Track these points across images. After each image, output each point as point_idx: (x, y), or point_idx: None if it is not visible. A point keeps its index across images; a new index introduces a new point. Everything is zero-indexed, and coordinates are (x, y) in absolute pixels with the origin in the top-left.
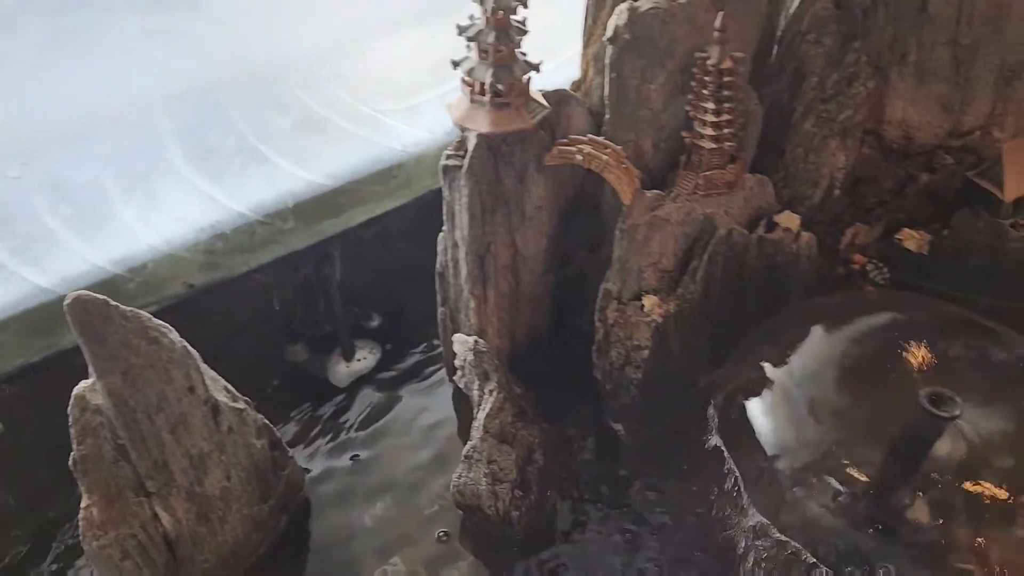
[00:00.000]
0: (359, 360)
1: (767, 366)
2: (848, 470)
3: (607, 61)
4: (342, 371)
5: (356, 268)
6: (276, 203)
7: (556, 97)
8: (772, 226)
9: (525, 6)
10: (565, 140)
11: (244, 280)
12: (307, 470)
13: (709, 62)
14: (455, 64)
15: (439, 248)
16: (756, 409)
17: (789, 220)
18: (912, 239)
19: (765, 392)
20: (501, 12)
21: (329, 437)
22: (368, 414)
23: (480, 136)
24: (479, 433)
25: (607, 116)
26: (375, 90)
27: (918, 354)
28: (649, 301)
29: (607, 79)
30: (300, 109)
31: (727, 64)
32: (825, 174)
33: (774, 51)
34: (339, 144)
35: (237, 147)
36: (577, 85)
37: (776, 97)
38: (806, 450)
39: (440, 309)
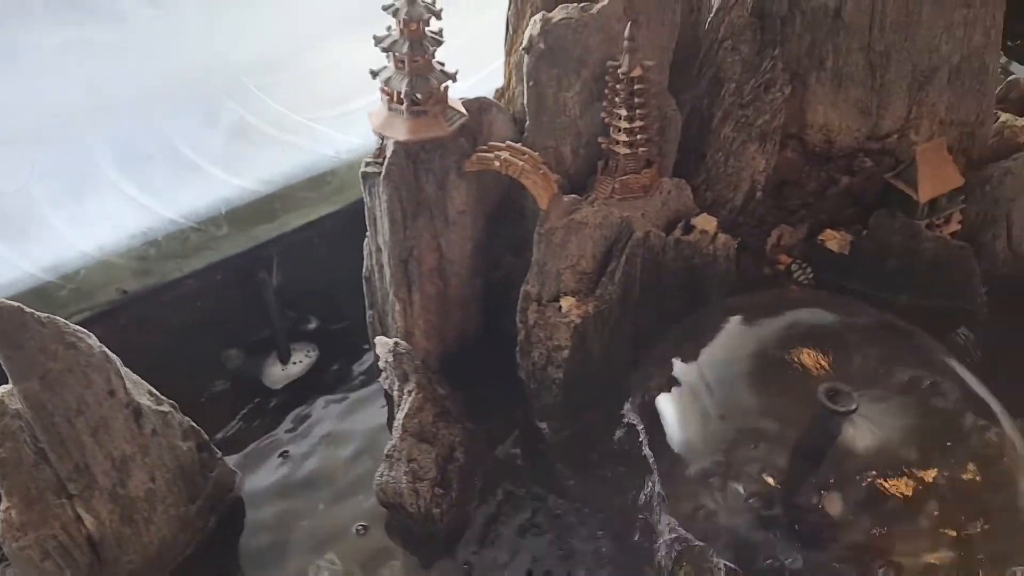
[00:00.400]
0: (295, 363)
1: (679, 365)
2: (754, 467)
3: (524, 70)
4: (277, 374)
5: (293, 272)
6: (209, 210)
7: (477, 105)
8: (689, 228)
9: (438, 18)
10: (484, 147)
11: (178, 285)
12: (237, 472)
13: (620, 70)
14: (374, 74)
15: (365, 252)
16: (668, 409)
17: (706, 222)
18: (834, 240)
19: (677, 391)
20: (414, 24)
21: (262, 439)
22: (300, 415)
23: (397, 143)
24: (398, 432)
25: (527, 123)
26: (307, 99)
27: (825, 351)
28: (567, 303)
29: (525, 87)
30: (232, 119)
31: (637, 72)
32: (745, 177)
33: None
34: (272, 152)
35: (168, 156)
36: (501, 93)
37: (696, 103)
38: (714, 449)
39: (368, 312)
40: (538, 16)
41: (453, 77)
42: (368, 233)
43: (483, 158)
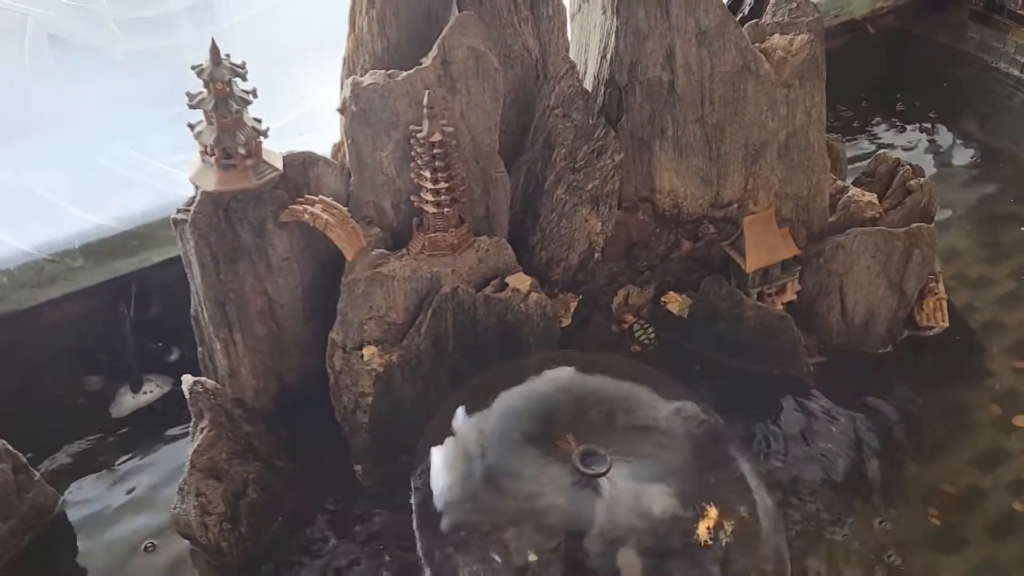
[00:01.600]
0: (145, 393)
1: (454, 427)
2: (513, 535)
3: (342, 129)
4: (126, 403)
5: (154, 305)
6: (64, 243)
7: (301, 159)
8: (504, 286)
9: (244, 79)
10: (299, 199)
11: (32, 314)
12: (59, 495)
13: (419, 135)
14: (191, 127)
15: (191, 292)
16: (436, 472)
17: (519, 281)
18: (675, 303)
19: (445, 454)
20: (219, 84)
21: (95, 464)
22: (138, 443)
23: (205, 193)
24: (187, 468)
25: (352, 178)
26: (159, 143)
27: (585, 414)
28: (368, 351)
29: (346, 145)
30: (83, 161)
31: (436, 138)
32: (579, 238)
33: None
34: (127, 192)
35: (19, 193)
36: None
37: (531, 165)
38: (475, 516)
39: (199, 349)
40: (350, 79)
41: (264, 134)
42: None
43: (294, 210)
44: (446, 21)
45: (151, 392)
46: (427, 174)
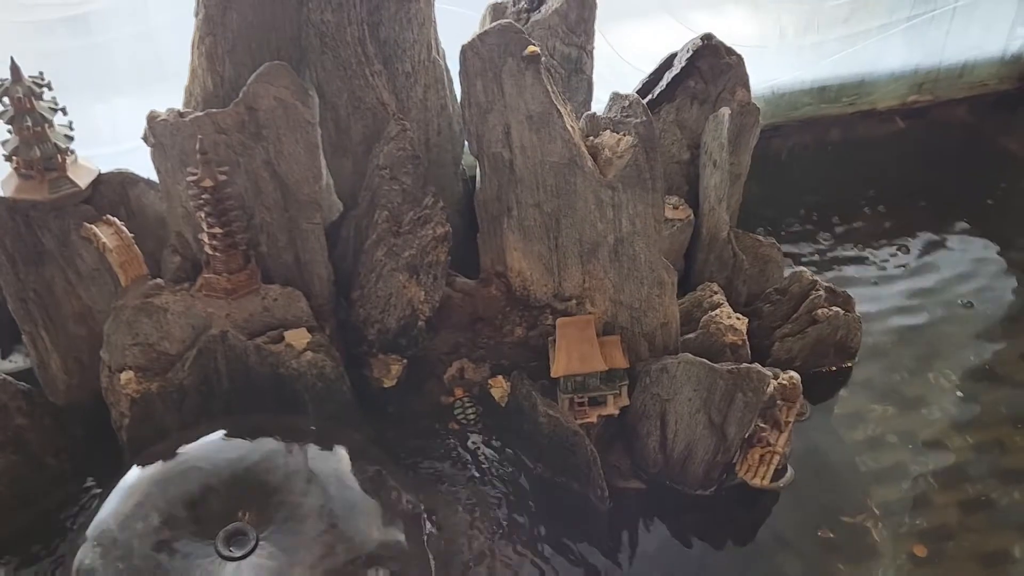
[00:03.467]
0: (10, 361)
1: (99, 517)
2: None
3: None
4: None
5: None
6: None
7: (120, 178)
8: (282, 338)
9: (39, 99)
10: (100, 218)
11: None
12: None
13: (189, 179)
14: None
15: None
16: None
17: (295, 337)
18: (499, 388)
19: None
20: (17, 99)
21: None
22: None
23: (0, 197)
24: None
25: (165, 206)
26: None
27: (234, 494)
28: (125, 376)
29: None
30: None
31: (207, 183)
32: (398, 303)
33: None
34: None
35: None
36: None
37: (359, 221)
38: None
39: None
40: (151, 112)
41: (64, 151)
42: None
43: (86, 228)
44: (299, 61)
45: (14, 362)
46: (202, 216)
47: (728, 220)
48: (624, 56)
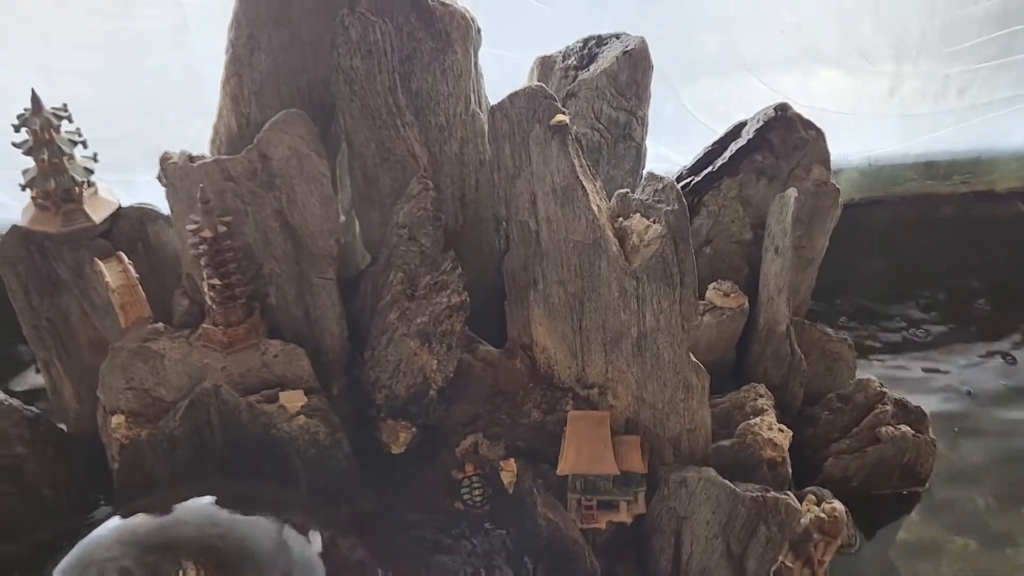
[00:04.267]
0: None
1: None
2: None
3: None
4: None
5: None
6: None
7: (139, 214)
8: (276, 398)
9: (56, 132)
10: (114, 255)
11: None
12: None
13: (189, 227)
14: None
15: None
16: None
17: (290, 399)
18: (509, 472)
19: None
20: (36, 130)
21: None
22: None
23: (15, 227)
24: None
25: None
26: None
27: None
28: (116, 420)
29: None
30: None
31: (206, 233)
32: (407, 370)
33: None
34: None
35: None
36: None
37: (375, 279)
38: None
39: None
40: (164, 152)
41: (82, 184)
42: None
43: (96, 264)
44: (332, 106)
45: None
46: (202, 265)
47: (788, 313)
48: (698, 116)
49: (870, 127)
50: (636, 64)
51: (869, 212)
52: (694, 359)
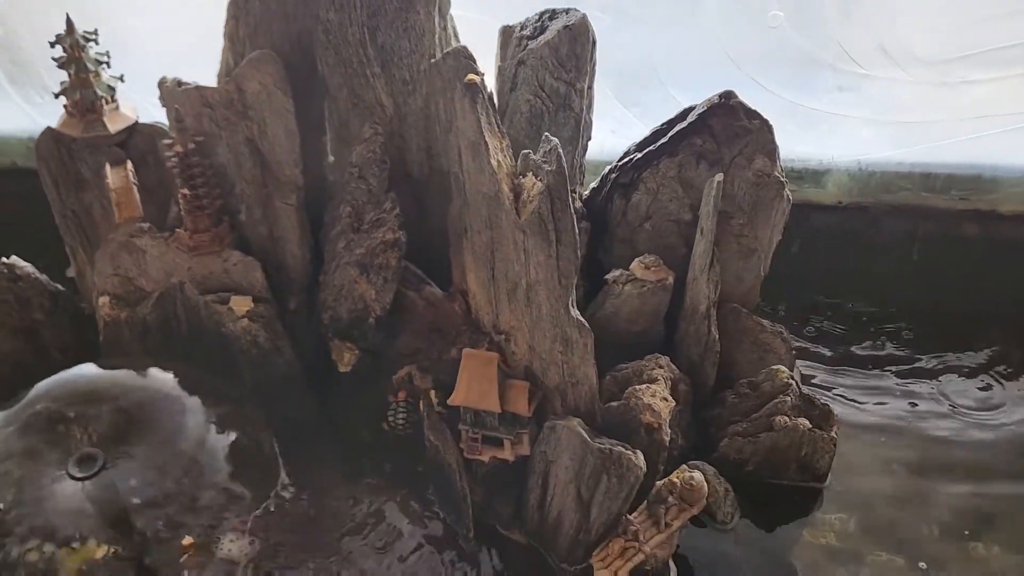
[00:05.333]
0: None
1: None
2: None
3: None
4: None
5: None
6: None
7: (149, 130)
8: (228, 300)
9: (83, 52)
10: (124, 161)
11: None
12: None
13: (164, 142)
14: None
15: None
16: None
17: (238, 303)
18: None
19: None
20: (67, 48)
21: None
22: None
23: (48, 128)
24: None
25: None
26: None
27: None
28: (102, 300)
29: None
30: None
31: (177, 148)
32: (349, 295)
33: None
34: None
35: None
36: None
37: (335, 211)
38: None
39: None
40: (161, 77)
41: (103, 99)
42: None
43: (105, 167)
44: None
45: None
46: (175, 176)
47: (710, 294)
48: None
49: (862, 131)
50: (575, 38)
51: (852, 217)
52: (577, 316)
